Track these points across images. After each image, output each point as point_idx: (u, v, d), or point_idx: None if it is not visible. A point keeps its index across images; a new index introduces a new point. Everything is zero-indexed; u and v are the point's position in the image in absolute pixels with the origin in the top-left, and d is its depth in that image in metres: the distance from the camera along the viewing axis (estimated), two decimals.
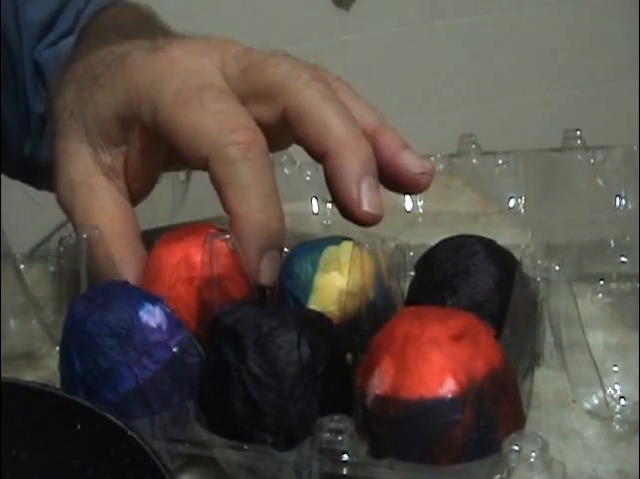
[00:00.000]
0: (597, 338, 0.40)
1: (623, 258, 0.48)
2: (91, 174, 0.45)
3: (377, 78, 1.61)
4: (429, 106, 1.71)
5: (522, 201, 0.56)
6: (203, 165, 0.40)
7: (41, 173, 0.66)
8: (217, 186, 0.40)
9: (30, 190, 0.71)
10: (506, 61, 1.72)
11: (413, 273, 0.42)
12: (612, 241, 0.50)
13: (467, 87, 1.73)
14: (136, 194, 0.46)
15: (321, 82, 0.41)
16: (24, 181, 0.70)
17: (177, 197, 0.60)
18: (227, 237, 0.40)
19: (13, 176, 0.68)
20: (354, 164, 0.40)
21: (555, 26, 1.73)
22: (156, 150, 0.45)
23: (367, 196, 0.40)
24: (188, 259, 0.40)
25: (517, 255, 0.39)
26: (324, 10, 1.60)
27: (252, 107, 0.42)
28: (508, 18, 1.71)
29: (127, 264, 0.43)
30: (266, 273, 0.40)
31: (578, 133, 0.53)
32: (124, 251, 0.44)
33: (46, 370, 0.43)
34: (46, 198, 0.70)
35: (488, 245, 0.40)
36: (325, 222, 0.58)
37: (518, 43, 1.72)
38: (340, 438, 0.32)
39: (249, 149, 0.40)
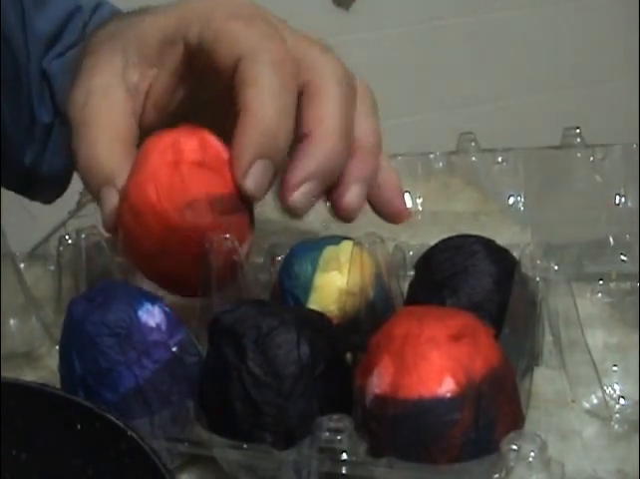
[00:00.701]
0: (597, 338, 0.40)
1: (623, 257, 0.48)
2: (113, 85, 0.45)
3: (377, 78, 1.60)
4: (428, 106, 1.71)
5: (522, 198, 0.56)
6: (232, 70, 0.40)
7: (40, 184, 0.66)
8: (241, 83, 0.40)
9: (26, 201, 0.71)
10: (506, 61, 1.72)
11: (412, 273, 0.42)
12: (612, 240, 0.50)
13: (466, 87, 1.73)
14: (145, 127, 0.46)
15: (348, 85, 0.43)
16: (19, 192, 0.70)
17: None
18: (227, 236, 0.40)
19: (8, 186, 0.68)
20: (312, 161, 0.40)
21: (555, 26, 1.73)
22: (184, 81, 0.45)
23: (300, 193, 0.40)
24: (176, 145, 0.40)
25: (517, 255, 0.39)
26: (324, 10, 1.60)
27: None
28: (508, 18, 1.71)
29: (122, 164, 0.42)
30: (253, 179, 0.39)
31: (578, 131, 0.53)
32: (120, 151, 0.43)
33: (46, 370, 0.43)
34: (40, 207, 0.70)
35: (488, 245, 0.40)
36: (324, 212, 0.58)
37: (518, 43, 1.72)
38: (339, 437, 0.32)
39: (284, 64, 0.40)
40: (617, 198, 0.53)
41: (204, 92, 0.44)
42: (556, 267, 0.36)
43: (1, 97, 0.62)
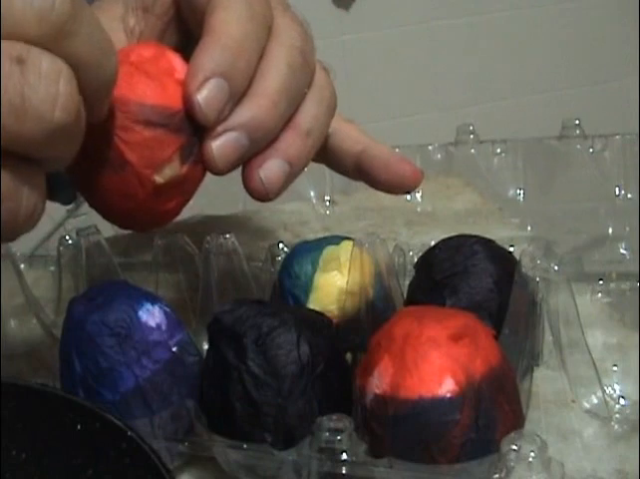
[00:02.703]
0: (596, 338, 0.40)
1: (622, 250, 0.48)
2: (114, 28, 0.44)
3: (377, 78, 1.61)
4: (428, 106, 1.71)
5: (521, 190, 0.56)
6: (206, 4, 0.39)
7: (59, 185, 0.66)
8: (210, 10, 0.38)
9: None
10: (506, 61, 1.72)
11: (413, 273, 0.42)
12: (611, 232, 0.50)
13: (466, 87, 1.73)
14: None
15: (300, 53, 0.40)
16: None
17: None
18: (227, 236, 0.40)
19: None
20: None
21: (555, 26, 1.73)
22: (170, 28, 0.44)
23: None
24: (129, 49, 0.38)
25: (517, 255, 0.39)
26: (324, 10, 1.60)
27: None
28: (508, 18, 1.71)
29: None
30: (204, 94, 0.36)
31: (577, 122, 0.53)
32: None
33: (46, 370, 0.43)
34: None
35: (488, 245, 0.40)
36: (324, 212, 0.58)
37: (518, 43, 1.72)
38: (339, 437, 0.32)
39: (257, 3, 0.39)
40: (617, 189, 0.53)
41: (189, 43, 0.44)
42: (556, 267, 0.36)
43: None
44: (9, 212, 0.31)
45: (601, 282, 0.44)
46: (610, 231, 0.51)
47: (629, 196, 0.53)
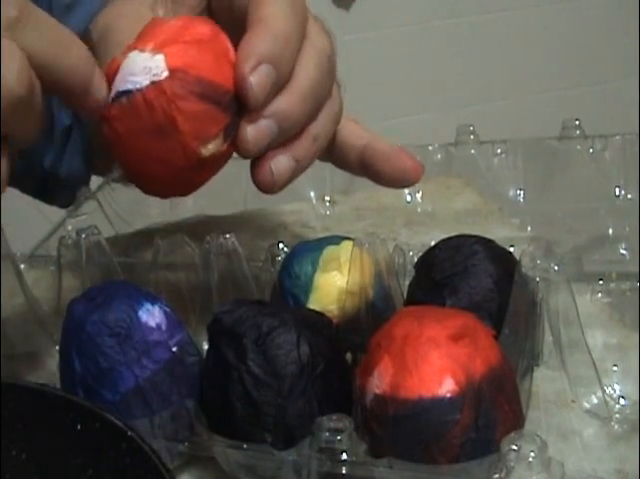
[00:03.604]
0: (596, 338, 0.40)
1: (622, 251, 0.48)
2: (144, 13, 0.45)
3: (377, 78, 1.60)
4: (428, 106, 1.71)
5: (521, 190, 0.56)
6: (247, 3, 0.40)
7: (58, 187, 0.66)
8: (255, 6, 0.40)
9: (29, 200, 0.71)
10: (506, 61, 1.72)
11: (413, 273, 0.42)
12: (611, 232, 0.50)
13: (466, 87, 1.73)
14: None
15: (328, 60, 0.42)
16: (38, 196, 0.69)
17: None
18: (227, 236, 0.40)
19: (28, 190, 0.68)
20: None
21: (555, 26, 1.73)
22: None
23: (257, 77, 0.38)
24: (187, 21, 0.39)
25: (517, 255, 0.39)
26: (324, 10, 1.59)
27: None
28: (508, 18, 1.71)
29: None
30: (257, 77, 0.38)
31: (577, 122, 0.53)
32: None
33: (46, 370, 0.43)
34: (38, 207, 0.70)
35: (488, 245, 0.40)
36: (324, 212, 0.58)
37: (518, 43, 1.72)
38: (339, 437, 0.32)
39: (298, 4, 0.40)
40: (617, 189, 0.53)
41: None
42: (556, 268, 0.36)
43: None
44: None
45: (601, 282, 0.44)
46: (610, 231, 0.51)
47: (629, 196, 0.53)
